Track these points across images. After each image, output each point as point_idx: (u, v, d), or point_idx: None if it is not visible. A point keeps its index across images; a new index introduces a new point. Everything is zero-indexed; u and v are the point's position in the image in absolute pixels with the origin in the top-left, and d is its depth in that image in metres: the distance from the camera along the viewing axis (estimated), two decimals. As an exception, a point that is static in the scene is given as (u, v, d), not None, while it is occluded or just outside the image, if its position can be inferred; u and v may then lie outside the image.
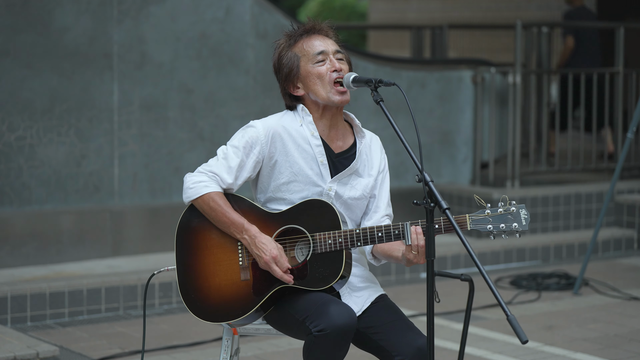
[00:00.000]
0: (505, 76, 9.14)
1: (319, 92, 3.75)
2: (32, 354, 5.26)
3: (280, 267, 3.63)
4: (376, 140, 3.91)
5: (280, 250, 3.64)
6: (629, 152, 9.24)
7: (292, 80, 3.79)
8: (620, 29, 9.21)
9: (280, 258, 3.63)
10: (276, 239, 3.70)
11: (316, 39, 3.80)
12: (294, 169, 3.76)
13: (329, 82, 3.74)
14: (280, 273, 3.62)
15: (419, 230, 3.54)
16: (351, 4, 23.04)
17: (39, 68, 7.21)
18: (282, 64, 3.80)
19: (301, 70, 3.77)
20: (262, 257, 3.63)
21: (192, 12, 7.73)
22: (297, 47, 3.80)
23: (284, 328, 3.73)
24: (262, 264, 3.65)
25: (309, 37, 3.80)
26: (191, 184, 3.73)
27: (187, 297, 3.73)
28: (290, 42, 3.82)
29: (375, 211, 3.85)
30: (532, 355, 5.62)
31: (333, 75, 3.75)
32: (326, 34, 3.83)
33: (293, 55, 3.79)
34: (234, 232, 3.69)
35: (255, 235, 3.66)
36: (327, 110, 3.79)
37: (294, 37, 3.82)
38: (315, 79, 3.75)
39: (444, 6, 15.64)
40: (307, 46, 3.78)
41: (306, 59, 3.77)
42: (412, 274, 7.52)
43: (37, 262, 7.12)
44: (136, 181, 7.59)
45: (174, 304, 6.64)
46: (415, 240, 3.54)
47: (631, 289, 7.17)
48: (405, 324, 3.69)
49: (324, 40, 3.80)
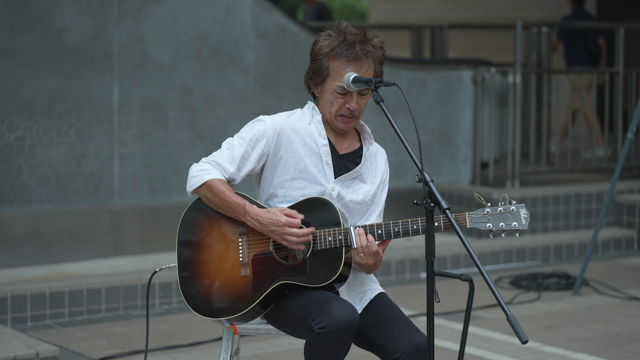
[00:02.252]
0: (505, 76, 9.14)
1: (326, 112, 3.79)
2: (32, 354, 5.26)
3: (296, 226, 3.63)
4: (382, 153, 3.93)
5: (285, 211, 3.66)
6: (629, 152, 9.24)
7: (315, 81, 3.79)
8: (620, 29, 9.21)
9: (290, 219, 3.63)
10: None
11: (352, 67, 3.69)
12: (299, 165, 3.78)
13: (337, 113, 3.75)
14: (300, 232, 3.61)
15: (360, 232, 3.61)
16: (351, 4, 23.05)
17: (39, 68, 7.21)
18: (315, 63, 3.75)
19: (324, 84, 3.75)
20: (274, 231, 3.63)
21: (192, 12, 7.73)
22: (334, 61, 3.71)
23: (285, 326, 3.74)
24: (278, 238, 3.65)
25: (348, 62, 3.70)
26: (194, 173, 3.76)
27: (188, 294, 3.75)
28: (332, 50, 3.71)
29: (367, 219, 3.87)
30: (532, 355, 5.63)
31: (344, 112, 3.75)
32: (367, 61, 3.72)
33: (326, 66, 3.73)
34: (238, 216, 3.70)
35: (258, 214, 3.67)
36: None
37: (338, 48, 3.71)
38: (329, 101, 3.76)
39: (444, 6, 15.64)
40: (340, 71, 3.70)
41: (333, 79, 3.72)
42: (412, 274, 7.52)
43: (37, 262, 7.12)
44: (136, 181, 7.59)
45: (174, 304, 6.64)
46: (359, 242, 3.60)
47: (631, 289, 7.17)
48: (403, 321, 3.70)
49: (359, 68, 3.69)
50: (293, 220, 3.64)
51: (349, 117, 3.75)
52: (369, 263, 3.63)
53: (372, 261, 3.63)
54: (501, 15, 14.38)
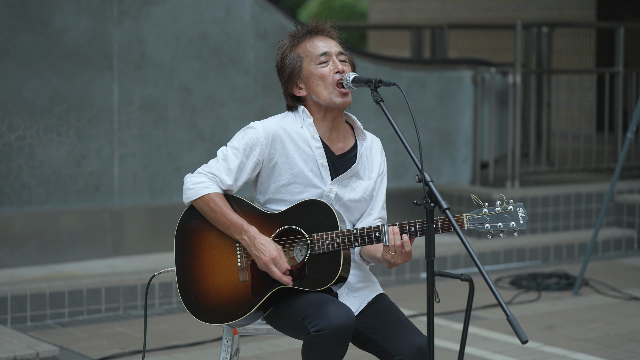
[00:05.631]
0: (505, 76, 9.14)
1: (320, 94, 3.75)
2: (32, 354, 5.26)
3: (280, 268, 3.62)
4: (377, 143, 3.90)
5: (280, 252, 3.64)
6: (629, 152, 9.24)
7: (295, 81, 3.78)
8: (620, 29, 9.20)
9: (279, 259, 3.62)
10: (275, 239, 3.70)
11: (319, 40, 3.79)
12: (294, 170, 3.76)
13: (331, 84, 3.74)
14: (279, 274, 3.62)
15: (395, 231, 3.56)
16: (351, 4, 23.03)
17: (39, 68, 7.21)
18: (285, 64, 3.79)
19: (304, 71, 3.77)
20: (261, 258, 3.63)
21: (192, 12, 7.73)
22: (300, 47, 3.79)
23: (283, 328, 3.73)
24: (261, 265, 3.65)
25: (312, 38, 3.79)
26: (191, 185, 3.73)
27: (187, 299, 3.74)
28: (293, 42, 3.80)
29: (370, 213, 3.85)
30: (532, 355, 5.62)
31: (335, 77, 3.74)
32: (329, 34, 3.82)
33: (296, 55, 3.78)
34: (233, 233, 3.69)
35: (255, 236, 3.66)
36: (329, 111, 3.78)
37: (297, 37, 3.80)
38: (317, 80, 3.75)
39: (444, 6, 15.63)
40: (310, 47, 3.77)
41: (309, 59, 3.76)
42: (412, 274, 7.52)
43: (37, 262, 7.12)
44: (136, 181, 7.59)
45: (174, 304, 6.64)
46: (392, 241, 3.55)
47: (631, 289, 7.17)
48: (404, 323, 3.69)
49: (327, 41, 3.79)
50: (281, 262, 3.62)
51: (344, 87, 3.73)
52: (398, 263, 3.58)
53: (402, 261, 3.58)
54: (501, 15, 14.37)
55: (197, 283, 3.73)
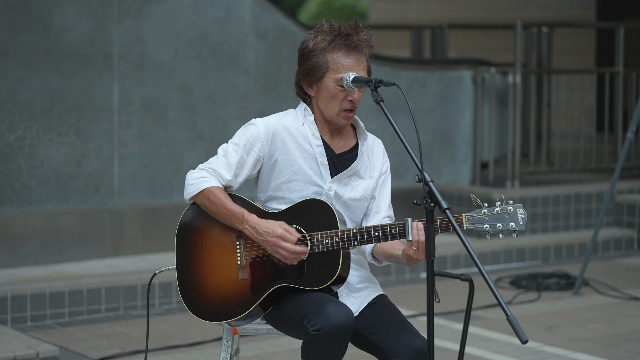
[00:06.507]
0: (505, 76, 9.14)
1: (327, 109, 3.74)
2: (32, 354, 5.26)
3: (290, 241, 3.62)
4: (379, 143, 3.91)
5: (283, 225, 3.63)
6: (629, 152, 9.24)
7: (310, 80, 3.77)
8: (620, 29, 9.20)
9: (286, 233, 3.61)
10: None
11: (353, 58, 3.70)
12: (294, 167, 3.76)
13: (339, 108, 3.73)
14: (292, 248, 3.60)
15: (419, 226, 3.53)
16: (351, 4, 23.04)
17: (39, 68, 7.21)
18: (310, 61, 3.73)
19: (323, 79, 3.73)
20: (268, 241, 3.63)
21: (192, 12, 7.73)
22: (332, 54, 3.71)
23: (283, 327, 3.74)
24: (271, 250, 3.64)
25: (347, 54, 3.70)
26: (192, 180, 3.75)
27: (187, 297, 3.74)
28: (330, 44, 3.71)
29: (377, 212, 3.85)
30: (532, 355, 5.62)
31: (346, 105, 3.73)
32: (364, 52, 3.73)
33: (324, 61, 3.71)
34: (235, 224, 3.69)
35: (256, 223, 3.66)
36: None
37: (336, 41, 3.71)
38: (329, 97, 3.73)
39: (444, 6, 15.63)
40: (340, 63, 3.70)
41: (333, 73, 3.70)
42: (412, 274, 7.52)
43: (37, 262, 7.12)
44: (136, 181, 7.59)
45: (174, 304, 6.64)
46: (416, 236, 3.53)
47: (631, 289, 7.17)
48: (403, 325, 3.69)
49: (358, 64, 3.70)
50: (289, 235, 3.62)
51: (351, 111, 3.74)
52: (421, 259, 3.55)
53: (424, 257, 3.52)
54: (501, 15, 14.37)
55: (197, 281, 3.73)
